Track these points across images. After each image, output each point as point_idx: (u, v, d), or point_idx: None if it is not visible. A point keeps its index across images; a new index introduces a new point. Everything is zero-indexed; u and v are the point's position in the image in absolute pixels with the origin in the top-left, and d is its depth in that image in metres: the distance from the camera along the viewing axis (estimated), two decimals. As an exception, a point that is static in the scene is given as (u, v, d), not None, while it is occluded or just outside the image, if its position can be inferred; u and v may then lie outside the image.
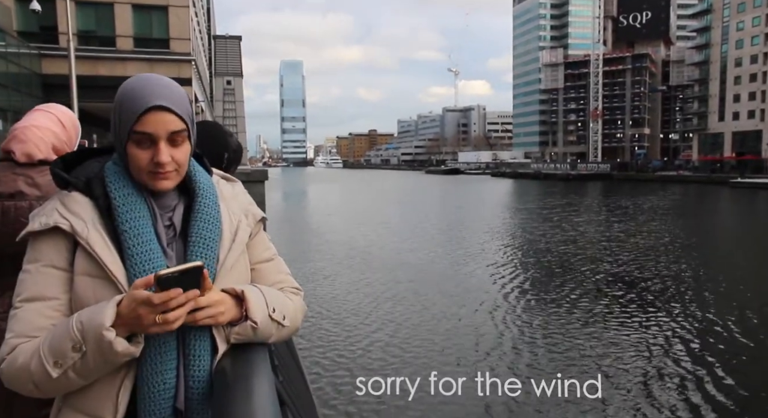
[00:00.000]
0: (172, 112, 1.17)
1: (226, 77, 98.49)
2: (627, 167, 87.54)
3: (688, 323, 10.72)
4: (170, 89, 1.18)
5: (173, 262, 1.20)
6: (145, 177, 1.19)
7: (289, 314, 1.27)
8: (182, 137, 1.20)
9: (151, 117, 1.15)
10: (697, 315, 11.26)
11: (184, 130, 1.19)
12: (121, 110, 1.17)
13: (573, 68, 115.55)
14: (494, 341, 9.61)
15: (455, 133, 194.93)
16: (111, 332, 1.03)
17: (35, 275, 1.15)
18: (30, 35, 22.82)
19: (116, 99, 1.19)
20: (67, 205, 1.18)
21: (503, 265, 16.64)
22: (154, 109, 1.15)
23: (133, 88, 1.17)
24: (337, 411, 6.96)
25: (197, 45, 35.85)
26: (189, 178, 1.27)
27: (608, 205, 38.66)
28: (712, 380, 8.05)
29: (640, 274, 15.22)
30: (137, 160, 1.18)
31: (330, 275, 14.94)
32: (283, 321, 1.24)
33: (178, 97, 1.20)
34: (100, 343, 1.03)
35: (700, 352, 9.25)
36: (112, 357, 1.05)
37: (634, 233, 23.57)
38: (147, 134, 1.15)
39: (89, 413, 1.12)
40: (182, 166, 1.22)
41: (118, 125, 1.19)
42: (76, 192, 1.20)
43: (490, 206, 39.53)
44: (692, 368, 8.49)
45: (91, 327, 1.04)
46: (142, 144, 1.16)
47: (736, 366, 8.64)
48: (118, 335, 1.04)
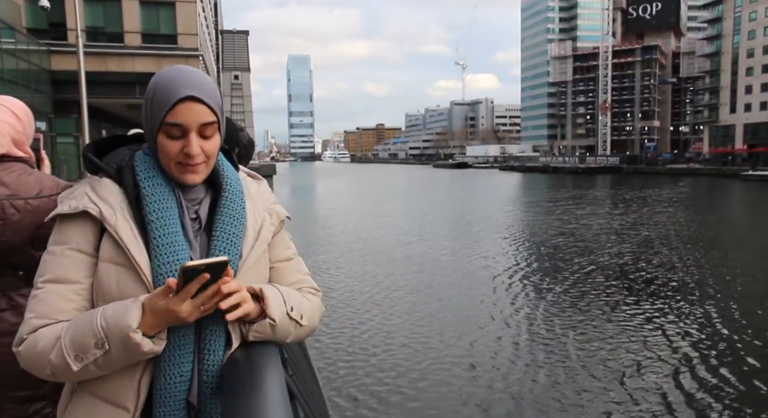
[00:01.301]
0: (204, 103, 1.17)
1: (234, 72, 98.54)
2: (636, 160, 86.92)
3: (703, 318, 10.67)
4: (202, 81, 1.19)
5: (197, 254, 1.21)
6: (174, 169, 1.20)
7: (307, 313, 1.27)
8: (213, 129, 1.20)
9: (183, 108, 1.15)
10: (712, 309, 11.20)
11: (214, 122, 1.20)
12: (153, 101, 1.18)
13: (582, 61, 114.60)
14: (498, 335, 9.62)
15: (463, 127, 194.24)
16: (138, 334, 1.04)
17: (60, 257, 1.15)
18: (39, 32, 22.97)
19: (148, 90, 1.20)
20: (97, 191, 1.19)
21: (517, 260, 16.61)
22: (186, 100, 1.15)
23: (166, 79, 1.17)
24: (345, 400, 7.01)
25: (204, 40, 35.92)
26: (216, 172, 1.28)
27: (618, 198, 38.46)
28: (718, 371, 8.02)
29: (659, 268, 15.15)
30: (167, 151, 1.18)
31: (340, 268, 15.01)
32: (301, 320, 1.24)
33: (210, 88, 1.20)
34: (126, 343, 1.04)
35: (710, 343, 9.21)
36: (138, 356, 1.07)
37: (647, 225, 23.44)
38: (178, 125, 1.16)
39: (109, 400, 1.12)
40: (211, 159, 1.23)
41: (150, 116, 1.19)
42: (107, 178, 1.21)
43: (499, 200, 39.41)
44: (706, 360, 8.47)
45: (116, 327, 1.05)
46: (173, 135, 1.17)
47: (744, 360, 8.59)
48: (142, 332, 1.06)
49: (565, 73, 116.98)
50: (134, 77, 22.99)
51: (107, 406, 1.12)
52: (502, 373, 7.98)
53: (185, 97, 1.15)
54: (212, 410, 1.16)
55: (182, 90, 1.16)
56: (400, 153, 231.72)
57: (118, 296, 1.12)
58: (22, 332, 1.12)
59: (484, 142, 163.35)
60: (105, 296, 1.14)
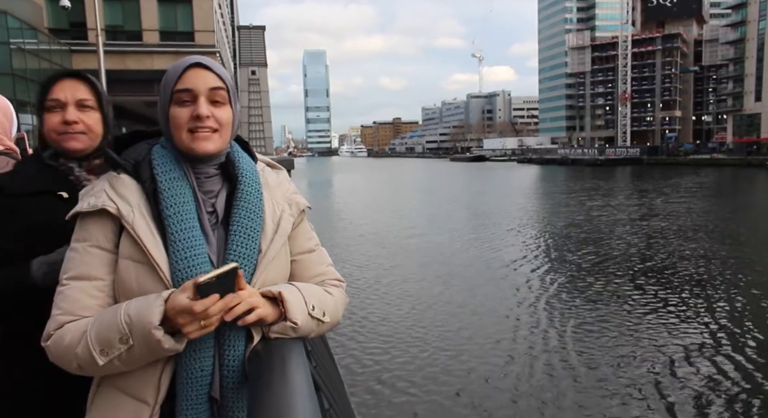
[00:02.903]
0: (212, 71, 1.22)
1: (251, 67, 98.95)
2: (657, 151, 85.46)
3: (728, 311, 10.52)
4: (208, 58, 1.25)
5: (214, 249, 1.21)
6: (186, 139, 1.20)
7: (329, 309, 1.27)
8: (222, 97, 1.22)
9: (192, 73, 1.20)
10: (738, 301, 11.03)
11: (223, 88, 1.22)
12: (165, 79, 1.23)
13: (600, 51, 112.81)
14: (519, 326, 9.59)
15: (480, 120, 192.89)
16: (159, 331, 1.05)
17: (82, 254, 1.17)
18: (60, 32, 23.37)
19: (161, 79, 1.26)
20: (115, 188, 1.20)
21: (539, 259, 16.51)
22: (194, 66, 1.21)
23: (176, 61, 1.25)
24: (363, 390, 7.06)
25: (221, 37, 36.17)
26: (232, 163, 1.28)
27: (638, 190, 37.92)
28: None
29: (687, 262, 14.95)
30: (178, 119, 1.20)
31: (357, 258, 15.07)
32: (323, 317, 1.24)
33: (218, 65, 1.25)
34: (148, 339, 1.05)
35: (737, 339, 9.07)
36: (159, 353, 1.09)
37: (671, 217, 23.11)
38: (187, 90, 1.19)
39: (131, 394, 1.14)
40: (223, 128, 1.23)
41: (162, 93, 1.23)
42: (125, 174, 1.22)
43: (518, 193, 39.13)
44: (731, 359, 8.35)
45: (139, 323, 1.06)
46: (183, 102, 1.20)
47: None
48: (164, 331, 1.06)
49: (584, 63, 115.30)
50: (152, 75, 23.23)
51: (129, 399, 1.14)
52: (525, 367, 7.96)
53: (193, 63, 1.22)
54: (234, 404, 1.17)
55: (191, 60, 1.23)
56: (416, 147, 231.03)
57: (138, 292, 1.13)
58: (49, 328, 1.14)
59: (502, 135, 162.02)
60: (126, 292, 1.15)
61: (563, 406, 6.75)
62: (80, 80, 1.60)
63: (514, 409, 6.70)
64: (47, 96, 1.56)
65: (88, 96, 1.59)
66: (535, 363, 7.98)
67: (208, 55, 13.24)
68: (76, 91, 1.58)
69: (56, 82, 1.57)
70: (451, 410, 6.67)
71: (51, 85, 1.57)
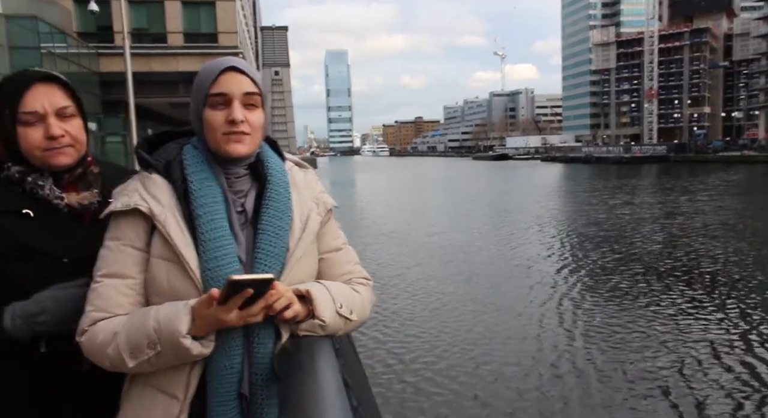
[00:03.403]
0: (246, 74, 1.23)
1: (274, 68, 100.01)
2: (685, 149, 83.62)
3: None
4: (244, 62, 1.26)
5: (243, 248, 1.22)
6: (221, 141, 1.22)
7: (357, 308, 1.28)
8: (255, 101, 1.24)
9: (226, 77, 1.22)
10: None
11: (257, 93, 1.24)
12: (199, 81, 1.24)
13: (626, 47, 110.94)
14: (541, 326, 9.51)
15: (503, 118, 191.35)
16: (187, 339, 1.08)
17: (115, 252, 1.20)
18: (88, 35, 23.88)
19: (195, 79, 1.27)
20: (147, 187, 1.22)
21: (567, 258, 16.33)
22: (229, 70, 1.22)
23: (209, 62, 1.26)
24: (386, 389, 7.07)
25: (244, 38, 36.57)
26: (261, 163, 1.30)
27: (666, 188, 37.20)
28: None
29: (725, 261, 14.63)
30: (213, 122, 1.21)
31: (383, 256, 15.10)
32: (351, 316, 1.25)
33: (251, 68, 1.26)
34: (175, 347, 1.09)
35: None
36: (187, 359, 1.12)
37: (697, 215, 22.62)
38: (222, 95, 1.21)
39: (161, 389, 1.17)
40: (256, 132, 1.25)
41: (196, 95, 1.24)
42: (156, 174, 1.24)
43: (542, 192, 38.71)
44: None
45: (167, 331, 1.08)
46: (218, 106, 1.22)
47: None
48: (191, 335, 1.09)
49: (608, 60, 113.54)
50: (177, 76, 23.63)
51: (159, 394, 1.17)
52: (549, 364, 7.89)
53: (227, 67, 1.22)
54: (264, 401, 1.18)
55: (225, 64, 1.23)
56: (438, 146, 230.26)
57: (169, 291, 1.16)
58: (83, 323, 1.18)
59: (525, 134, 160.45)
60: (157, 291, 1.18)
61: (590, 404, 6.67)
62: (54, 84, 1.38)
63: (540, 410, 6.64)
64: (19, 108, 1.33)
65: (67, 102, 1.39)
66: (561, 363, 7.90)
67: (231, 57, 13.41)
68: (52, 97, 1.36)
69: (27, 90, 1.33)
70: (474, 410, 6.64)
71: (21, 93, 1.33)
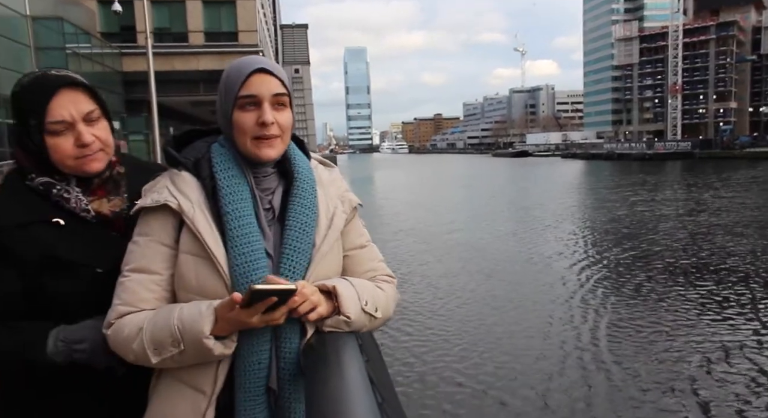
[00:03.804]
0: (275, 76, 1.24)
1: (294, 66, 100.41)
2: (710, 145, 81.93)
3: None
4: (271, 61, 1.27)
5: (270, 244, 1.24)
6: (250, 145, 1.23)
7: (381, 305, 1.29)
8: (285, 102, 1.25)
9: (256, 79, 1.22)
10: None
11: (285, 94, 1.25)
12: (227, 82, 1.24)
13: (649, 42, 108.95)
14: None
15: (523, 115, 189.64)
16: (210, 340, 1.10)
17: (143, 247, 1.22)
18: (111, 36, 24.31)
19: (221, 79, 1.26)
20: (176, 184, 1.24)
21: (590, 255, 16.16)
22: (258, 72, 1.22)
23: (237, 63, 1.25)
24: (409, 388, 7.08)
25: (264, 36, 36.80)
26: (288, 161, 1.31)
27: (689, 184, 36.52)
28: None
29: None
30: (243, 125, 1.22)
31: (404, 252, 15.11)
32: (375, 313, 1.26)
33: (279, 67, 1.27)
34: (198, 346, 1.11)
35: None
36: (210, 358, 1.14)
37: (720, 212, 22.18)
38: (252, 97, 1.21)
39: (189, 383, 1.19)
40: (285, 134, 1.26)
41: (224, 96, 1.25)
42: (185, 171, 1.26)
43: (563, 189, 38.30)
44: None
45: (191, 331, 1.10)
46: (248, 108, 1.22)
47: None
48: (214, 335, 1.11)
49: (631, 55, 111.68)
50: (198, 75, 23.92)
51: (187, 388, 1.19)
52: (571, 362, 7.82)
53: (257, 69, 1.22)
54: (291, 396, 1.20)
55: (253, 65, 1.23)
56: (458, 143, 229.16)
57: (197, 286, 1.18)
58: (109, 316, 1.20)
59: (545, 130, 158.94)
60: (185, 286, 1.19)
61: (615, 402, 6.60)
62: (77, 89, 1.33)
63: (568, 411, 6.59)
64: (47, 118, 1.28)
65: (92, 106, 1.35)
66: (586, 364, 7.82)
67: (258, 56, 13.63)
68: (78, 104, 1.32)
69: (53, 97, 1.28)
70: (496, 409, 6.61)
71: (47, 101, 1.28)
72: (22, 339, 1.24)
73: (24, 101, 1.30)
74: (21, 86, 1.31)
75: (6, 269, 1.25)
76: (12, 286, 1.26)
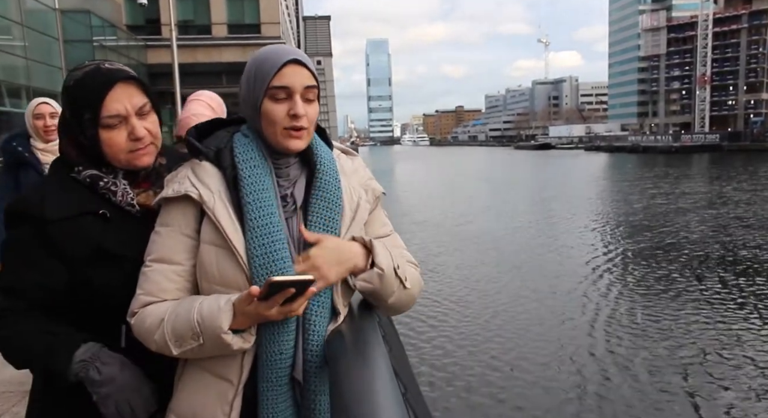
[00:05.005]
0: (307, 67, 1.23)
1: (316, 57, 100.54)
2: (740, 137, 79.88)
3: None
4: (300, 51, 1.25)
5: (293, 234, 1.24)
6: (280, 135, 1.22)
7: (411, 277, 1.28)
8: (314, 95, 1.25)
9: (288, 71, 1.20)
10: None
11: (315, 87, 1.24)
12: (257, 71, 1.22)
13: (677, 32, 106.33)
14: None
15: (545, 107, 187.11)
16: (228, 335, 1.10)
17: (165, 237, 1.22)
18: (137, 28, 24.62)
19: (248, 66, 1.25)
20: (197, 174, 1.23)
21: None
22: (291, 63, 1.21)
23: (267, 51, 1.24)
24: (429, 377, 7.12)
25: (286, 28, 36.91)
26: (310, 150, 1.29)
27: (715, 177, 35.71)
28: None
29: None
30: (274, 116, 1.21)
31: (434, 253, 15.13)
32: (406, 281, 1.25)
33: (310, 60, 1.26)
34: (217, 341, 1.11)
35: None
36: (228, 352, 1.15)
37: (745, 205, 21.69)
38: (284, 88, 1.20)
39: (215, 373, 1.20)
40: (312, 126, 1.26)
41: (253, 87, 1.23)
42: (207, 162, 1.25)
43: (584, 182, 37.80)
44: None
45: (210, 326, 1.10)
46: (279, 99, 1.21)
47: None
48: (232, 329, 1.11)
49: (658, 45, 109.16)
50: (221, 67, 24.09)
51: (214, 378, 1.20)
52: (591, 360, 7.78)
53: (290, 60, 1.20)
54: (317, 387, 1.20)
55: (287, 55, 1.21)
56: (480, 135, 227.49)
57: (218, 276, 1.18)
58: (133, 306, 1.21)
59: (568, 122, 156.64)
60: (206, 276, 1.19)
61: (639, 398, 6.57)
62: (131, 82, 1.34)
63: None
64: (102, 112, 1.29)
65: (144, 100, 1.35)
66: (617, 358, 7.78)
67: (288, 46, 13.93)
68: (131, 98, 1.32)
69: (109, 92, 1.29)
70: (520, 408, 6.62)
71: (104, 95, 1.29)
72: (48, 347, 1.24)
73: (78, 95, 1.30)
74: (74, 80, 1.31)
75: (54, 262, 1.27)
76: (59, 278, 1.27)
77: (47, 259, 1.27)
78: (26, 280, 1.26)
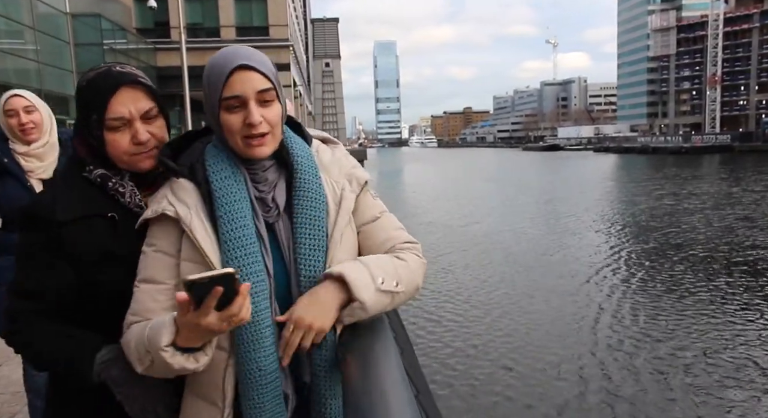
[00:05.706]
0: (256, 70, 1.17)
1: (325, 59, 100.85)
2: (751, 137, 79.11)
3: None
4: (250, 52, 1.19)
5: (283, 236, 1.22)
6: (241, 144, 1.18)
7: (403, 277, 1.23)
8: (270, 96, 1.19)
9: (236, 78, 1.15)
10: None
11: (270, 88, 1.18)
12: (209, 83, 1.19)
13: (687, 32, 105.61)
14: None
15: (554, 108, 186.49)
16: (167, 352, 1.06)
17: (149, 258, 1.21)
18: (146, 31, 24.84)
19: (203, 76, 1.21)
20: (175, 192, 1.22)
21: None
22: (238, 69, 1.15)
23: (215, 59, 1.20)
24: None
25: (294, 31, 37.04)
26: (285, 149, 1.26)
27: (725, 178, 35.40)
28: None
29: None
30: (230, 126, 1.17)
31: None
32: (397, 288, 1.20)
33: (260, 58, 1.20)
34: (158, 359, 1.08)
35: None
36: (172, 372, 1.10)
37: (754, 205, 21.49)
38: (236, 97, 1.15)
39: (201, 396, 1.20)
40: (275, 129, 1.21)
41: (209, 98, 1.20)
42: (183, 178, 1.23)
43: (592, 184, 37.60)
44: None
45: (153, 343, 1.07)
46: (233, 109, 1.16)
47: None
48: (182, 347, 1.07)
49: (668, 46, 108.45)
50: (230, 70, 24.23)
51: (201, 402, 1.20)
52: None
53: (236, 66, 1.15)
54: (327, 392, 1.19)
55: (233, 61, 1.16)
56: (488, 136, 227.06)
57: None
58: (123, 326, 1.20)
59: (577, 123, 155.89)
60: None
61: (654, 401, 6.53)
62: (137, 86, 1.34)
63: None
64: (107, 113, 1.31)
65: (150, 104, 1.35)
66: (636, 361, 7.74)
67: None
68: (137, 101, 1.33)
69: (114, 94, 1.31)
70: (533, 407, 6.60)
71: (108, 97, 1.30)
72: (71, 349, 1.26)
73: (87, 96, 1.33)
74: (87, 81, 1.34)
75: (63, 263, 1.28)
76: (68, 280, 1.29)
77: (59, 261, 1.28)
78: (41, 283, 1.28)
